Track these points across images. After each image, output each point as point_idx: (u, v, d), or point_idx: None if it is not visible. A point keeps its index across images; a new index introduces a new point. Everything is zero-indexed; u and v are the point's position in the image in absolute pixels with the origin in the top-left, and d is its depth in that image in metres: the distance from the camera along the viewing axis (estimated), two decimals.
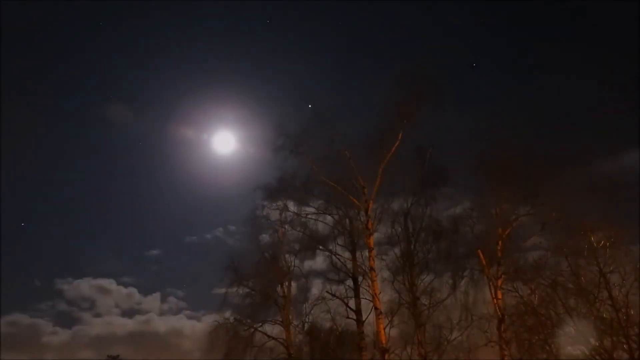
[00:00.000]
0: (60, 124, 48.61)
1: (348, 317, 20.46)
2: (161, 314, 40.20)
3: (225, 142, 36.58)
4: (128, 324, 39.11)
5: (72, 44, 47.31)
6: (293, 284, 22.90)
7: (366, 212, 20.10)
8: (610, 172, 18.47)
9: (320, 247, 21.47)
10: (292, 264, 23.00)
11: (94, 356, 35.12)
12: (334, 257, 21.10)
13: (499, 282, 19.24)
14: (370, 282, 19.22)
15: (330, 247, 21.29)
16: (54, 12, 45.64)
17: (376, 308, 18.77)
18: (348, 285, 20.61)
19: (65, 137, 49.41)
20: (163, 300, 40.86)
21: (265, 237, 23.60)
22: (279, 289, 22.80)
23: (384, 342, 18.40)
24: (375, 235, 20.36)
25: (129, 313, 41.16)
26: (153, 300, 40.67)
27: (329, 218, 21.71)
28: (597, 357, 14.57)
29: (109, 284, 40.81)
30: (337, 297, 20.54)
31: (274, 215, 23.20)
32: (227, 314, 22.25)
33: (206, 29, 45.84)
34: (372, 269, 19.29)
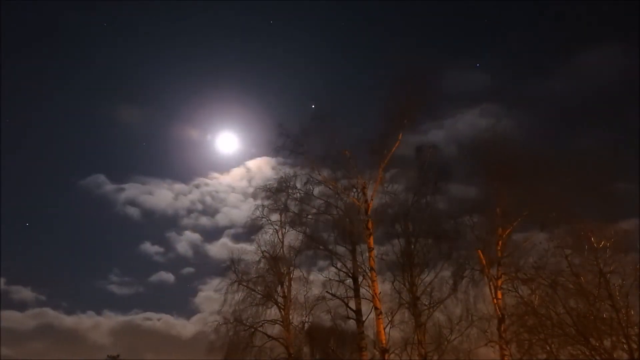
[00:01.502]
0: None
1: (348, 317, 20.46)
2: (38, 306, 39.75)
3: (228, 142, 37.11)
4: (21, 319, 38.70)
5: (81, 48, 47.84)
6: (293, 284, 22.89)
7: (366, 212, 20.11)
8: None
9: (321, 247, 21.45)
10: (292, 264, 23.03)
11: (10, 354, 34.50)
12: (334, 257, 21.10)
13: (499, 282, 19.25)
14: (370, 282, 19.23)
15: (330, 247, 21.29)
16: (69, 18, 46.14)
17: (376, 308, 18.77)
18: (348, 285, 20.60)
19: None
20: (36, 291, 40.60)
21: (265, 237, 23.59)
22: (279, 289, 22.80)
23: (384, 342, 18.40)
24: (375, 236, 20.39)
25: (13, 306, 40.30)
26: (24, 292, 40.46)
27: (329, 218, 21.72)
28: (597, 357, 14.55)
29: None
30: (337, 297, 20.54)
31: (274, 215, 23.24)
32: (228, 314, 22.26)
33: (210, 33, 46.40)
34: (372, 269, 19.29)
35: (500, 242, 19.57)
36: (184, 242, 46.04)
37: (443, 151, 21.29)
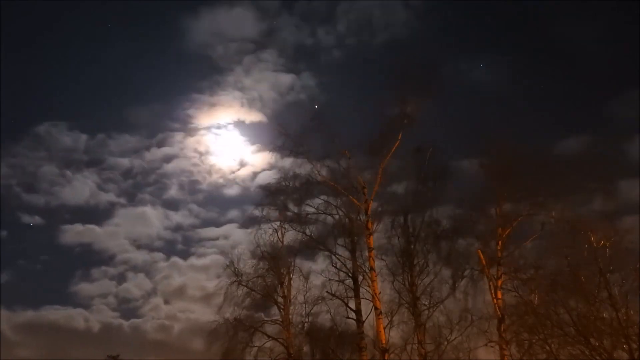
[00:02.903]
0: None
1: (348, 317, 20.43)
2: None
3: (230, 142, 37.21)
4: None
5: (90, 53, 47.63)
6: (293, 284, 22.88)
7: (366, 212, 20.11)
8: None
9: (321, 247, 21.43)
10: (292, 264, 23.00)
11: None
12: (334, 257, 21.07)
13: (499, 282, 19.24)
14: (370, 282, 19.22)
15: (330, 247, 21.27)
16: (69, 19, 46.17)
17: (376, 308, 18.77)
18: (348, 285, 20.57)
19: None
20: None
21: (265, 237, 23.54)
22: (279, 289, 22.78)
23: (384, 342, 18.40)
24: (375, 235, 20.39)
25: None
26: None
27: (329, 218, 21.71)
28: (597, 357, 14.54)
29: None
30: (337, 297, 20.51)
31: (274, 215, 23.20)
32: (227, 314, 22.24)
33: (213, 34, 46.25)
34: (372, 269, 19.29)
35: (500, 242, 19.56)
36: (25, 226, 41.43)
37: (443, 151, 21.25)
